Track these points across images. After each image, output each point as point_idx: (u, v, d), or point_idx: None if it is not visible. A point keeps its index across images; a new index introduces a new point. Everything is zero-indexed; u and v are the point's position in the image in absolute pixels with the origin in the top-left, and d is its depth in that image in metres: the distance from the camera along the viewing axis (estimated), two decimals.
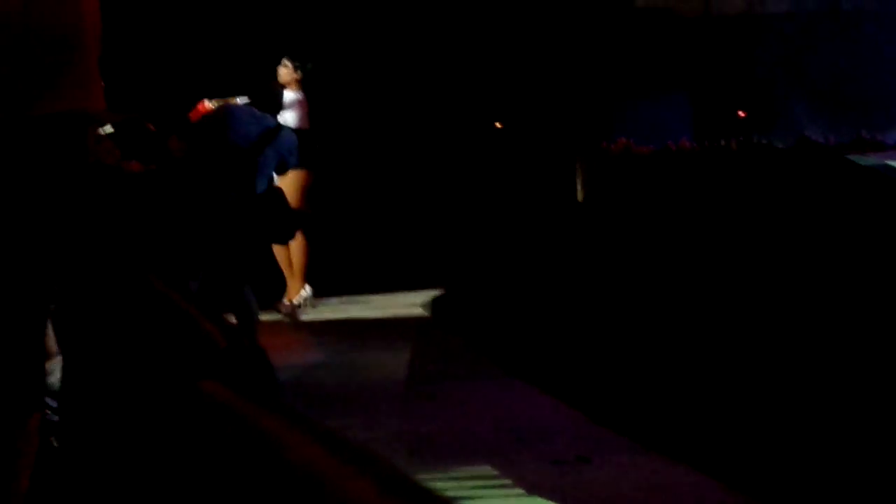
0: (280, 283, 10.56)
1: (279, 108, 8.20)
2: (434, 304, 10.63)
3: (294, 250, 10.45)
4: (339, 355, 8.81)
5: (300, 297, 10.55)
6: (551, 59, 14.02)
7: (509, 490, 5.40)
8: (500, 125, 14.40)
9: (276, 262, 10.55)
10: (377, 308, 10.94)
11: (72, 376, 2.49)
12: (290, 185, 10.30)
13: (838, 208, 9.92)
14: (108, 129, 7.62)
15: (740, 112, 14.39)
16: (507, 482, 5.49)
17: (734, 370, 6.75)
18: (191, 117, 9.24)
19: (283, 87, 8.42)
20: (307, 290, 10.58)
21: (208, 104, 9.87)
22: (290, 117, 10.54)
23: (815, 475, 5.11)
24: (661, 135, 13.52)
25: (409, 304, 10.83)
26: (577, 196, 13.34)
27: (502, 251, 12.09)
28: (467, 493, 5.34)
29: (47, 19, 2.40)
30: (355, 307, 11.03)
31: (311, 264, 10.71)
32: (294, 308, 10.52)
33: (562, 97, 14.05)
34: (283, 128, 8.12)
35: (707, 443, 5.64)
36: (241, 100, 10.16)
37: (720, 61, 14.59)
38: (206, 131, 8.01)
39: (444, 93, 13.90)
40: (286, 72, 10.63)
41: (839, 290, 8.02)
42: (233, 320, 7.41)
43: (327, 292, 11.11)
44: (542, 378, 7.26)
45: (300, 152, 10.47)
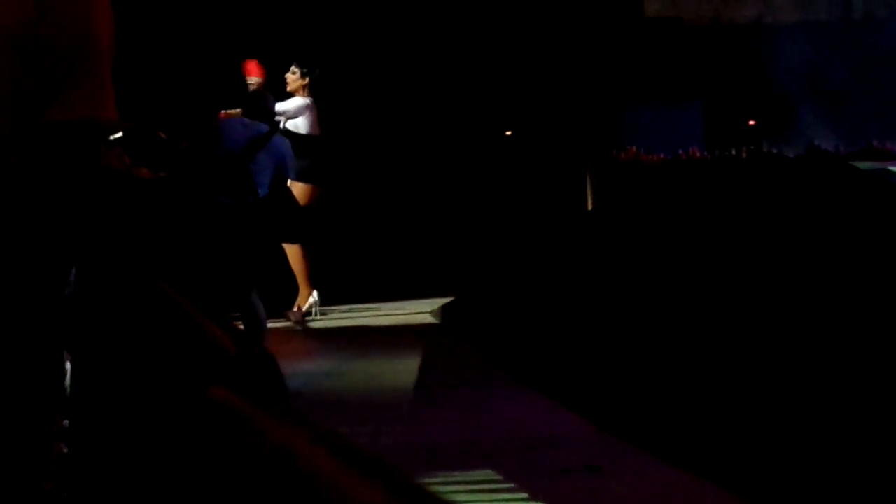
0: (290, 291, 10.56)
1: (269, 114, 8.21)
2: (443, 311, 10.63)
3: (293, 258, 10.45)
4: (348, 362, 8.81)
5: (308, 303, 10.55)
6: (562, 67, 14.02)
7: (517, 498, 5.39)
8: (511, 133, 14.40)
9: (289, 268, 10.56)
10: (386, 316, 10.94)
11: (81, 382, 2.49)
12: (300, 191, 10.32)
13: (846, 216, 9.91)
14: (118, 136, 7.61)
15: (751, 121, 14.37)
16: (516, 490, 5.48)
17: (746, 379, 6.73)
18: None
19: (265, 94, 8.42)
20: (315, 296, 10.58)
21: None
22: (300, 123, 10.55)
23: (826, 485, 5.10)
24: (671, 143, 13.51)
25: (418, 311, 10.83)
26: (587, 204, 13.33)
27: (512, 259, 12.08)
28: (475, 501, 5.33)
29: (61, 29, 2.40)
30: (364, 315, 11.03)
31: (322, 272, 10.72)
32: (303, 315, 10.52)
33: (572, 105, 14.05)
34: (276, 133, 8.11)
35: (718, 453, 5.63)
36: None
37: (730, 70, 14.58)
38: (200, 142, 8.05)
39: (454, 100, 13.90)
40: (294, 78, 10.64)
41: (851, 300, 8.00)
42: (240, 326, 7.42)
43: (337, 300, 11.11)
44: (552, 387, 7.25)
45: (311, 159, 10.52)
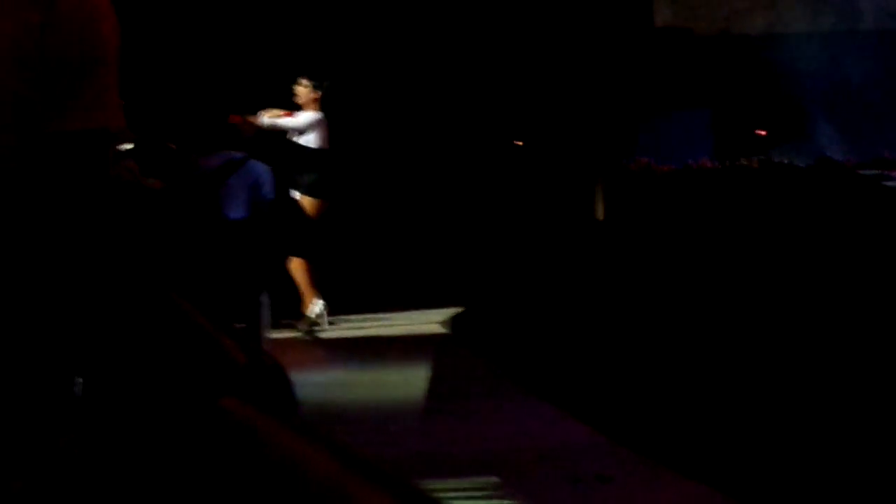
0: (297, 301, 10.57)
1: (236, 142, 8.28)
2: (454, 321, 10.63)
3: (293, 266, 10.47)
4: (357, 372, 8.81)
5: (314, 312, 10.54)
6: (572, 77, 14.02)
7: None
8: (521, 143, 14.40)
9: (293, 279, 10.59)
10: (397, 325, 10.93)
11: (91, 392, 2.49)
12: (309, 205, 10.34)
13: (855, 226, 9.90)
14: (127, 146, 7.67)
15: (761, 131, 14.36)
16: (526, 500, 5.48)
17: (759, 389, 6.73)
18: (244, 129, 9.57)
19: (237, 124, 8.48)
20: (320, 304, 10.57)
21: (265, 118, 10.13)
22: (311, 138, 10.57)
23: (838, 497, 5.09)
24: (681, 153, 13.51)
25: (428, 321, 10.83)
26: (598, 214, 13.32)
27: (522, 269, 12.08)
28: None
29: (66, 40, 2.40)
30: (374, 324, 11.03)
31: (332, 282, 10.73)
32: (312, 324, 10.52)
33: (582, 116, 14.05)
34: (250, 160, 8.18)
35: (730, 464, 5.62)
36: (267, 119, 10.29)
37: (740, 80, 14.58)
38: (182, 167, 8.14)
39: (465, 111, 13.91)
40: (305, 91, 10.65)
41: (862, 310, 7.99)
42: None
43: (346, 309, 11.12)
44: (563, 397, 7.25)
45: (320, 173, 10.53)
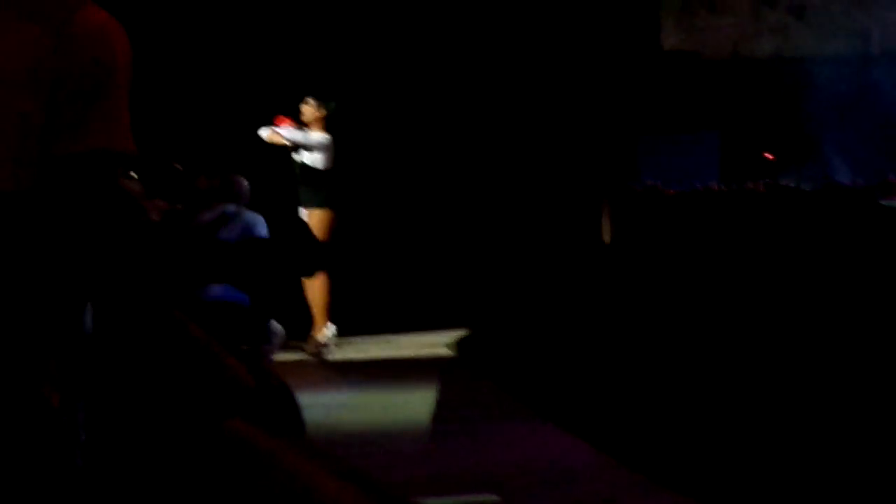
0: (305, 322, 10.57)
1: (240, 197, 8.29)
2: (460, 344, 10.62)
3: (314, 289, 10.48)
4: (364, 394, 8.80)
5: (324, 336, 10.56)
6: (579, 99, 14.03)
7: None
8: (527, 165, 14.39)
9: (304, 299, 10.59)
10: (403, 347, 10.93)
11: (97, 415, 2.48)
12: (315, 223, 10.34)
13: (863, 250, 9.89)
14: (132, 173, 7.70)
15: (768, 154, 14.36)
16: None
17: (764, 413, 6.71)
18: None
19: (238, 179, 8.46)
20: (331, 329, 10.60)
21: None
22: (317, 159, 10.59)
23: None
24: (688, 176, 13.51)
25: (434, 343, 10.82)
26: (604, 237, 13.32)
27: (528, 291, 12.07)
28: None
29: (79, 62, 2.40)
30: (381, 346, 11.02)
31: (338, 303, 10.73)
32: (319, 347, 10.53)
33: (589, 138, 14.06)
34: (244, 211, 8.17)
35: (738, 488, 5.60)
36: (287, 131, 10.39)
37: (748, 103, 14.58)
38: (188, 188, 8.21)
39: (470, 134, 13.91)
40: (309, 110, 10.69)
41: (870, 335, 7.98)
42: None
43: (353, 331, 11.11)
44: (569, 419, 7.23)
45: (326, 189, 10.56)
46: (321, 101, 10.72)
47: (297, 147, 10.63)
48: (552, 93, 14.00)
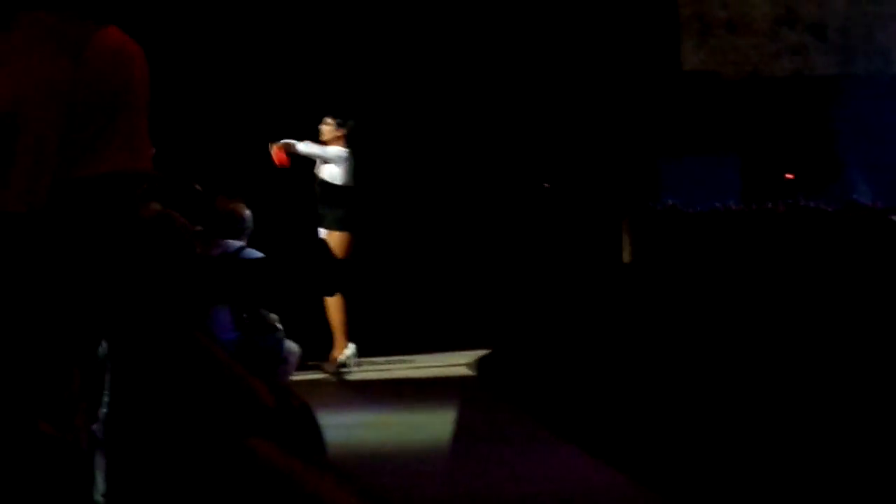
0: (327, 342, 10.58)
1: (241, 231, 8.22)
2: (480, 364, 10.61)
3: (330, 308, 10.49)
4: (384, 414, 8.80)
5: (345, 356, 10.57)
6: (600, 120, 14.04)
7: None
8: (548, 185, 14.41)
9: (325, 319, 10.60)
10: (423, 368, 10.93)
11: (120, 435, 2.50)
12: (334, 244, 10.36)
13: (884, 270, 9.86)
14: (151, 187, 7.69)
15: (788, 174, 14.34)
16: None
17: (788, 435, 6.69)
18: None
19: (241, 213, 8.35)
20: (351, 348, 10.61)
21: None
22: (336, 173, 10.60)
23: None
24: (708, 197, 13.49)
25: (455, 363, 10.81)
26: (624, 257, 13.31)
27: (549, 311, 12.06)
28: None
29: (98, 83, 2.41)
30: (401, 367, 11.02)
31: (359, 323, 10.73)
32: (339, 366, 10.53)
33: (609, 158, 14.06)
34: (244, 249, 8.13)
35: None
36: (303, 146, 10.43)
37: (768, 124, 14.57)
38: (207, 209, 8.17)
39: (492, 152, 13.92)
40: (329, 129, 10.70)
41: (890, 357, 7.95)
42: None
43: (373, 352, 11.12)
44: (590, 441, 7.22)
45: (346, 208, 10.57)
46: (340, 119, 10.73)
47: (314, 160, 10.64)
48: (573, 113, 14.01)
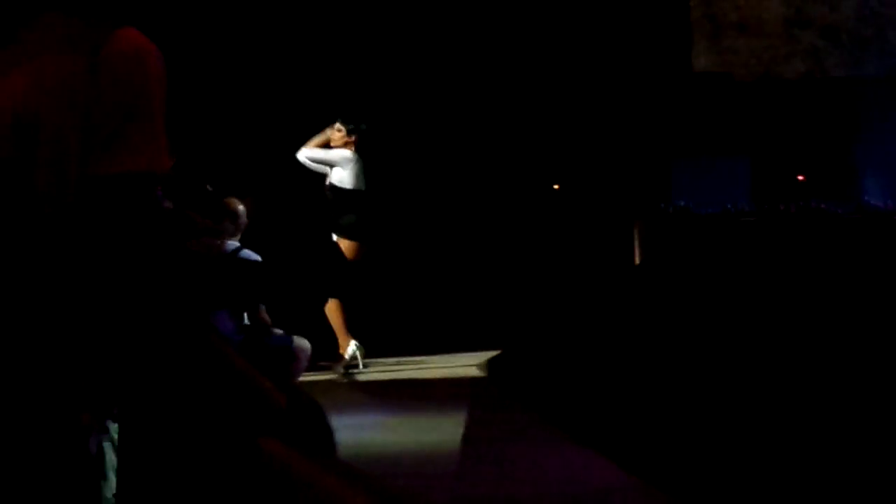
0: (333, 343, 10.59)
1: (237, 229, 8.21)
2: (491, 364, 10.61)
3: (328, 310, 10.49)
4: (395, 415, 8.80)
5: (349, 353, 10.56)
6: (610, 121, 14.04)
7: None
8: (558, 187, 14.41)
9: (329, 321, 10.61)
10: (433, 368, 10.93)
11: (131, 435, 2.50)
12: (346, 248, 10.37)
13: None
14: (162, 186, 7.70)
15: (800, 176, 14.32)
16: None
17: (796, 437, 6.68)
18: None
19: (235, 208, 8.30)
20: (353, 345, 10.58)
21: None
22: (346, 178, 10.60)
23: None
24: (719, 198, 13.49)
25: (465, 364, 10.82)
26: (635, 258, 13.30)
27: (560, 312, 12.06)
28: None
29: (114, 82, 2.42)
30: (411, 367, 11.03)
31: (369, 324, 10.74)
32: (348, 366, 10.53)
33: (620, 160, 14.06)
34: (242, 250, 8.13)
35: None
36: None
37: (780, 125, 14.55)
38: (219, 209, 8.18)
39: (502, 154, 13.93)
40: (340, 136, 10.69)
41: None
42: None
43: (383, 352, 11.12)
44: (600, 441, 7.22)
45: (357, 214, 10.56)
46: (350, 123, 10.73)
47: (323, 164, 10.64)
48: (584, 115, 14.01)
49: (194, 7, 12.83)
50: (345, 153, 10.62)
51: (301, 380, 8.71)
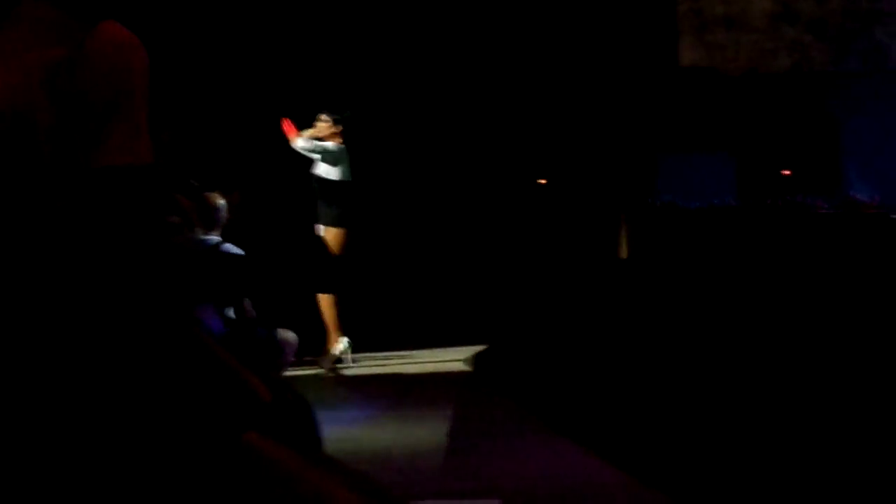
0: (323, 337, 10.58)
1: (217, 223, 8.16)
2: (477, 359, 10.61)
3: (322, 304, 10.48)
4: (381, 410, 8.80)
5: (338, 349, 10.56)
6: (596, 116, 14.04)
7: None
8: (545, 181, 14.41)
9: (319, 314, 10.60)
10: (420, 363, 10.93)
11: (114, 427, 2.48)
12: (330, 240, 10.36)
13: (881, 268, 9.86)
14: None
15: (785, 171, 14.34)
16: None
17: (788, 428, 6.69)
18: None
19: (215, 203, 8.22)
20: (344, 341, 10.59)
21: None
22: (331, 171, 10.58)
23: None
24: (705, 193, 13.50)
25: (451, 359, 10.82)
26: (621, 252, 13.31)
27: (546, 307, 12.07)
28: None
29: (97, 74, 2.41)
30: (398, 362, 11.02)
31: (356, 319, 10.73)
32: (335, 361, 10.53)
33: (606, 154, 14.06)
34: (223, 244, 8.08)
35: None
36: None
37: (765, 120, 14.57)
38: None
39: (488, 149, 13.93)
40: (325, 126, 10.67)
41: (886, 350, 7.95)
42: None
43: (370, 347, 11.12)
44: (586, 436, 7.22)
45: (341, 206, 10.55)
46: (335, 114, 10.71)
47: (311, 155, 10.62)
48: (570, 110, 14.01)
49: (179, 0, 12.81)
50: (336, 148, 10.61)
51: (287, 374, 8.71)
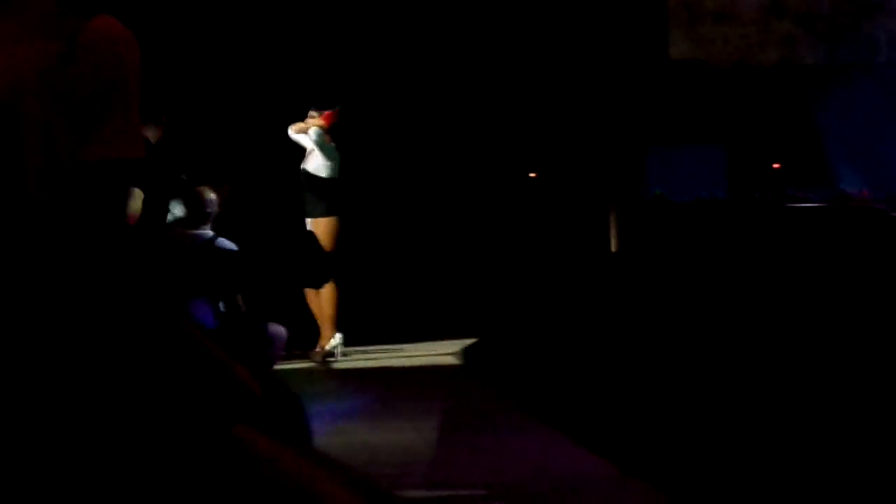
0: (313, 331, 10.58)
1: (207, 217, 8.14)
2: (467, 353, 10.62)
3: (324, 297, 10.48)
4: (371, 403, 8.80)
5: (332, 344, 10.57)
6: (586, 109, 14.04)
7: None
8: (535, 175, 14.41)
9: (309, 308, 10.59)
10: (410, 356, 10.93)
11: (104, 422, 2.48)
12: (322, 232, 10.34)
13: (871, 260, 9.88)
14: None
15: (775, 164, 14.35)
16: None
17: (777, 424, 6.70)
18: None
19: (204, 197, 8.18)
20: (338, 338, 10.60)
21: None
22: (320, 165, 10.57)
23: None
24: (695, 186, 13.52)
25: (442, 353, 10.82)
26: (611, 245, 13.32)
27: (536, 300, 12.07)
28: None
29: (90, 69, 2.42)
30: (388, 356, 11.02)
31: (345, 312, 10.73)
32: (326, 355, 10.53)
33: (596, 147, 14.07)
34: (217, 238, 8.06)
35: (746, 499, 5.59)
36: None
37: (755, 113, 14.58)
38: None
39: (478, 142, 13.92)
40: (315, 122, 10.66)
41: (877, 343, 7.96)
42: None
43: (360, 341, 11.12)
44: (576, 429, 7.23)
45: (329, 198, 10.54)
46: (323, 109, 10.69)
47: (315, 147, 10.60)
48: (560, 102, 14.01)
49: None
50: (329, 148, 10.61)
51: (277, 368, 8.71)
